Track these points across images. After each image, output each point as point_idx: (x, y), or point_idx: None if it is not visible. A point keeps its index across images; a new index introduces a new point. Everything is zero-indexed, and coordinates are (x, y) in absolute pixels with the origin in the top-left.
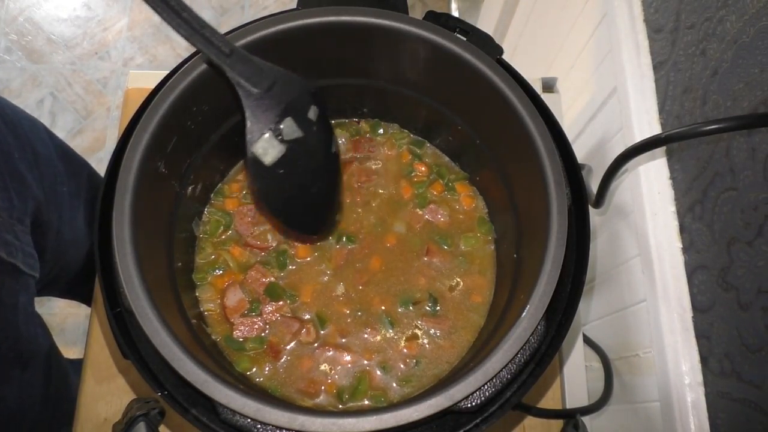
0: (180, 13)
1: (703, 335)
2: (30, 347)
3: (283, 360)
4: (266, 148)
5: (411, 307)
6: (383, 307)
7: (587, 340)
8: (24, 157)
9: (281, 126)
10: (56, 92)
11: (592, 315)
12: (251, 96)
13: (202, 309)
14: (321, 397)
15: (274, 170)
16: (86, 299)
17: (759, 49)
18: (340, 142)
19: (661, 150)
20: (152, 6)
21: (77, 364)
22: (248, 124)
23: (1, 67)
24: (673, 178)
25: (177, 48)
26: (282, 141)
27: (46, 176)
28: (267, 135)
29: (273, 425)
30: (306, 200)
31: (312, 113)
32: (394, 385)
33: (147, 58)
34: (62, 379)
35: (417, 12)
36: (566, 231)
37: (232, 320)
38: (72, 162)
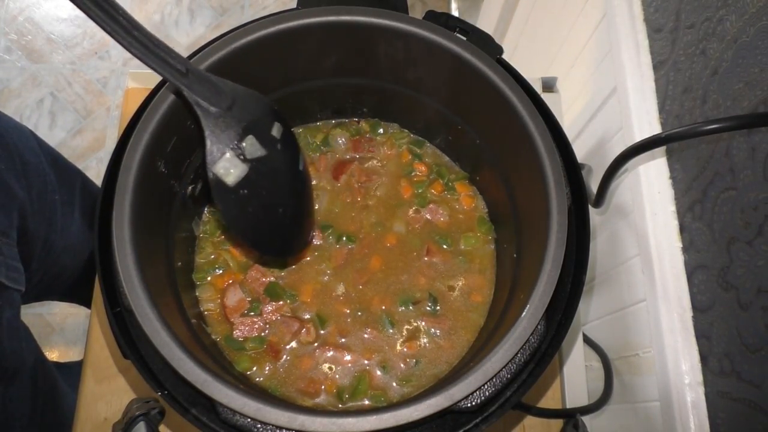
0: (131, 32)
1: (703, 335)
2: (14, 362)
3: (283, 360)
4: (227, 168)
5: (411, 307)
6: (383, 307)
7: (587, 340)
8: (11, 167)
9: (243, 144)
10: (56, 92)
11: (592, 315)
12: (210, 115)
13: (202, 309)
14: (321, 397)
15: (238, 191)
16: (86, 303)
17: (759, 48)
18: (340, 141)
19: (661, 150)
20: (100, 24)
21: (68, 370)
22: (208, 144)
23: (1, 67)
24: (673, 177)
25: (176, 47)
26: (244, 160)
27: (35, 185)
28: (228, 154)
29: (273, 425)
30: (274, 222)
31: (276, 131)
32: (394, 384)
33: None
34: (50, 390)
35: (417, 12)
36: (566, 231)
37: (232, 320)
38: (64, 169)
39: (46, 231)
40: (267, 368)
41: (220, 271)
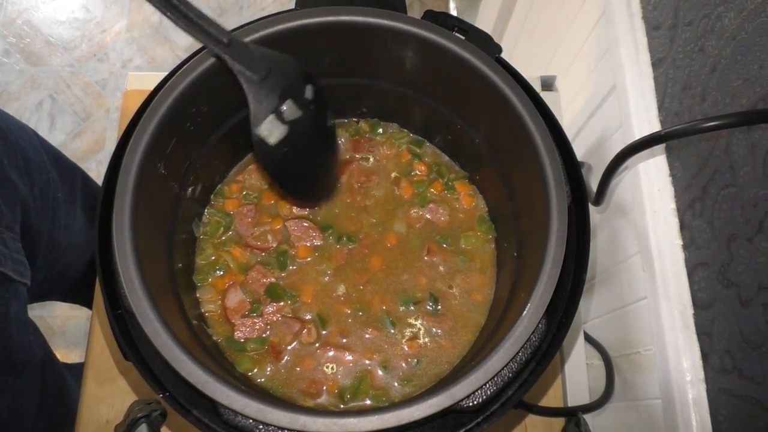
0: (177, 6)
1: (704, 332)
2: (23, 355)
3: (284, 360)
4: (270, 129)
5: (412, 307)
6: (384, 307)
7: (588, 338)
8: (14, 163)
9: (283, 108)
10: (55, 94)
11: (593, 313)
12: (252, 82)
13: (202, 310)
14: (322, 397)
15: (279, 149)
16: (88, 303)
17: (758, 45)
18: (339, 142)
19: (661, 147)
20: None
21: (75, 369)
22: (252, 108)
23: (0, 70)
24: (672, 175)
25: (176, 49)
26: (284, 122)
27: (37, 182)
28: (270, 117)
29: (275, 426)
30: (311, 173)
31: (308, 92)
32: (396, 384)
33: (146, 59)
34: (58, 387)
35: (415, 11)
36: (566, 229)
37: (233, 321)
38: (65, 168)
39: (49, 228)
40: (268, 369)
41: (221, 273)
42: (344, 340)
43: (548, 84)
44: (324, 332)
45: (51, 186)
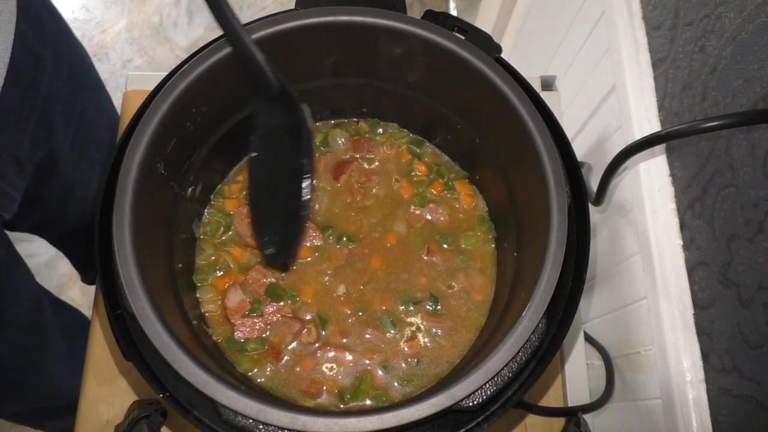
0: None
1: (704, 332)
2: None
3: (284, 360)
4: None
5: (412, 307)
6: (384, 307)
7: (588, 338)
8: (67, 113)
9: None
10: None
11: (593, 313)
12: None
13: (202, 310)
14: (322, 397)
15: (278, 131)
16: (75, 257)
17: (758, 45)
18: (339, 142)
19: (661, 147)
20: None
21: (70, 313)
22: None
23: None
24: (672, 175)
25: (176, 49)
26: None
27: (79, 137)
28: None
29: (275, 426)
30: (280, 189)
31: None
32: (396, 384)
33: (146, 59)
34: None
35: (415, 11)
36: (566, 229)
37: (233, 321)
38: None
39: (72, 178)
40: (268, 369)
41: (221, 273)
42: (344, 340)
43: (548, 84)
44: (324, 332)
45: (95, 145)
